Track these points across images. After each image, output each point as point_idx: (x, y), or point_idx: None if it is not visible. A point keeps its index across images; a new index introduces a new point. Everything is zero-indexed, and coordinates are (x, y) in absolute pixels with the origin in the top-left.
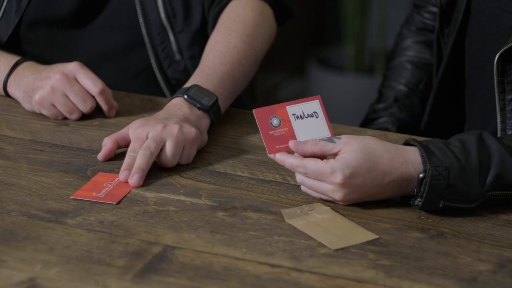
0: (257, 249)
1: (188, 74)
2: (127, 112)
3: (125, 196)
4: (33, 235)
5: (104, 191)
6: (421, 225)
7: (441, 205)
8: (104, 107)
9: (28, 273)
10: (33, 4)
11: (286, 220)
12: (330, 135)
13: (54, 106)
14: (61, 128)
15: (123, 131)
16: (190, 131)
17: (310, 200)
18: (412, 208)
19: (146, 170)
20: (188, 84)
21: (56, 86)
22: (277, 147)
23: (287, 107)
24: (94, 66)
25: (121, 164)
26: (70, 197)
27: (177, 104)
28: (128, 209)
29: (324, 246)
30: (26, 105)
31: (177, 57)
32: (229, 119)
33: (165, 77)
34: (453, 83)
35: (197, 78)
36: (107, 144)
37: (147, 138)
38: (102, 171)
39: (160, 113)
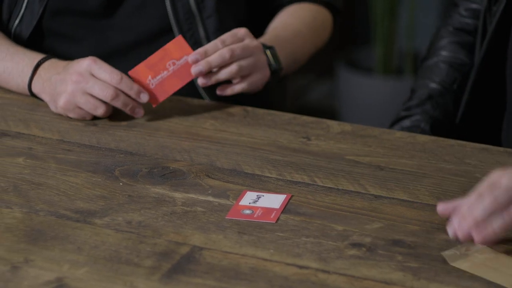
0: (285, 250)
1: None
2: (155, 114)
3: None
4: (61, 235)
5: (159, 77)
6: None
7: None
8: (130, 94)
9: (56, 273)
10: None
11: (450, 263)
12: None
13: (79, 107)
14: (90, 128)
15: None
16: (266, 66)
17: (344, 206)
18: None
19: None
20: (264, 40)
21: (74, 88)
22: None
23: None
24: (120, 55)
25: (150, 165)
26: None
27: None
28: (156, 210)
29: (352, 247)
30: (53, 109)
31: (205, 43)
32: (257, 120)
33: None
34: (494, 71)
35: (274, 43)
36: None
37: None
38: (130, 171)
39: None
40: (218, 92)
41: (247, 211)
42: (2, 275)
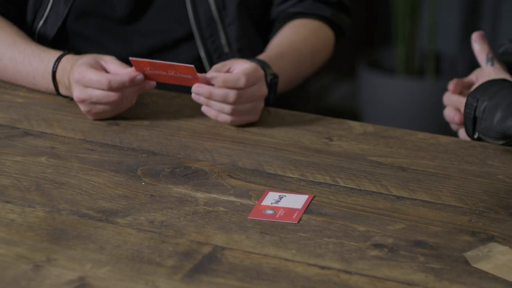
0: (307, 250)
1: None
2: (177, 114)
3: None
4: (83, 234)
5: (157, 72)
6: (471, 229)
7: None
8: (126, 85)
9: (78, 272)
10: None
11: (473, 264)
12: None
13: (95, 104)
14: (112, 127)
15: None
16: (258, 116)
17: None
18: (463, 212)
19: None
20: (269, 61)
21: (84, 106)
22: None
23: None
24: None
25: (173, 165)
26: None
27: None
28: (178, 210)
29: (374, 248)
30: None
31: (226, 49)
32: (279, 120)
33: None
34: None
35: (276, 62)
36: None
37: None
38: (153, 170)
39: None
40: (203, 109)
41: (269, 211)
42: (24, 274)
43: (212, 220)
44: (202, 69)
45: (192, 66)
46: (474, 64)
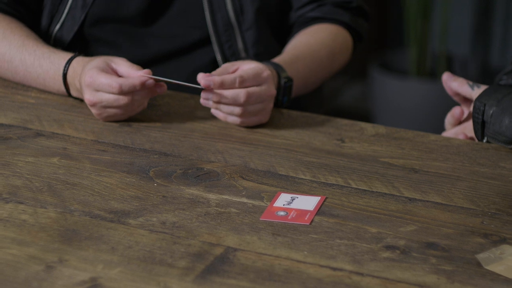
0: (318, 252)
1: None
2: (189, 115)
3: None
4: (95, 235)
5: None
6: (483, 231)
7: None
8: (136, 89)
9: (90, 273)
10: (99, 0)
11: (485, 266)
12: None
13: (105, 108)
14: (124, 128)
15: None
16: (267, 117)
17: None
18: (475, 214)
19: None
20: (284, 64)
21: (95, 109)
22: None
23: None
24: (159, 63)
25: (185, 166)
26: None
27: (274, 78)
28: (190, 211)
29: (386, 250)
30: None
31: (243, 54)
32: (291, 122)
33: None
34: None
35: (291, 65)
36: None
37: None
38: (165, 171)
39: (272, 74)
40: (212, 111)
41: (281, 213)
42: (36, 274)
43: (224, 221)
44: None
45: (203, 88)
46: (485, 66)
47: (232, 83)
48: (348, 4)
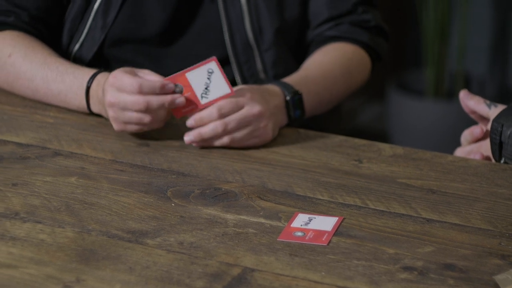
0: (336, 273)
1: None
2: None
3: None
4: (113, 254)
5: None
6: (501, 252)
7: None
8: (156, 92)
9: None
10: (119, 21)
11: None
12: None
13: (130, 123)
14: (142, 148)
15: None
16: (268, 133)
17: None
18: (492, 235)
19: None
20: (292, 82)
21: (112, 111)
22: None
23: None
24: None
25: (202, 186)
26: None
27: (276, 95)
28: (208, 231)
29: (404, 271)
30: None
31: (262, 75)
32: (309, 142)
33: None
34: None
35: (301, 83)
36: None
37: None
38: (182, 191)
39: (258, 93)
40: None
41: (299, 233)
42: None
43: (242, 242)
44: None
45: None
46: (503, 86)
47: (211, 117)
48: (367, 23)
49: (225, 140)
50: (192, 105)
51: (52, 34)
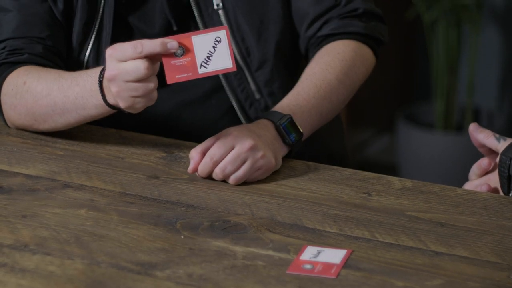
0: None
1: None
2: None
3: None
4: (122, 286)
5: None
6: (509, 285)
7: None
8: (157, 52)
9: None
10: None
11: None
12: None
13: (138, 96)
14: (151, 180)
15: (209, 143)
16: (270, 161)
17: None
18: (501, 268)
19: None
20: (280, 109)
21: (114, 85)
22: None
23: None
24: (174, 115)
25: (212, 219)
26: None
27: (265, 126)
28: (217, 263)
29: None
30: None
31: (257, 96)
32: (319, 174)
33: (248, 119)
34: None
35: (290, 105)
36: (195, 157)
37: (233, 148)
38: (191, 224)
39: (245, 129)
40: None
41: (308, 266)
42: None
43: (251, 274)
44: (236, 119)
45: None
46: None
47: (206, 167)
48: (355, 12)
49: (230, 181)
50: (188, 72)
51: (65, 62)
